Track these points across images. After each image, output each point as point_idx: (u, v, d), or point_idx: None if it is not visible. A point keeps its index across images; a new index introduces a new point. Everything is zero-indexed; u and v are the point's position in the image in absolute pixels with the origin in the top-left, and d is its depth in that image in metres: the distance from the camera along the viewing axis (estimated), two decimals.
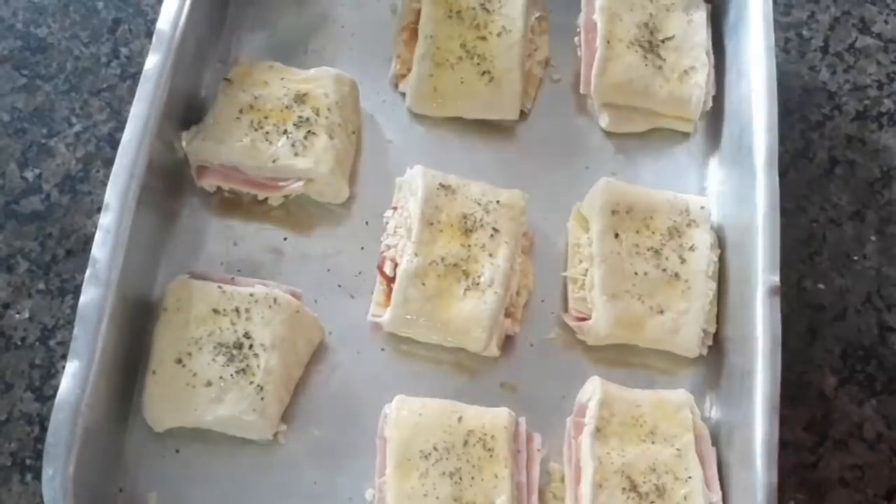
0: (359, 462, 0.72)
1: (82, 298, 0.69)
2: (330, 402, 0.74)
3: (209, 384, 0.70)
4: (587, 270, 0.77)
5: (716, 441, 0.73)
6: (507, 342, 0.76)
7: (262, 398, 0.70)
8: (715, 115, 0.85)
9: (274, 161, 0.77)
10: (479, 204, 0.77)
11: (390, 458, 0.69)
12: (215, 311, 0.72)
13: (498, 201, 0.77)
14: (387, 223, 0.79)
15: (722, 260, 0.78)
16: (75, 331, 0.69)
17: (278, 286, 0.74)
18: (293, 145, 0.77)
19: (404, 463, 0.68)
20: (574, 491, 0.71)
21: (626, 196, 0.78)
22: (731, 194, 0.80)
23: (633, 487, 0.70)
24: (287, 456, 0.72)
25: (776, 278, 0.72)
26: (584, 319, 0.76)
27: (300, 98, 0.79)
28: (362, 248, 0.79)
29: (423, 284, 0.73)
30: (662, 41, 0.84)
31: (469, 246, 0.75)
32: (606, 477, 0.70)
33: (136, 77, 0.79)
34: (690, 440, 0.71)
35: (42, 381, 0.75)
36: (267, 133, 0.78)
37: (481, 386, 0.75)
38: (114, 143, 0.77)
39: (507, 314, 0.75)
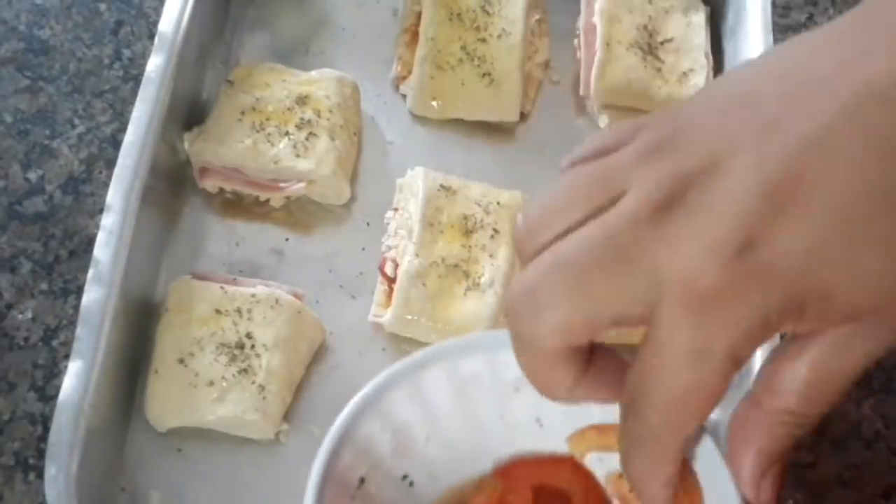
0: None
1: (85, 299, 0.70)
2: (331, 402, 0.73)
3: (211, 384, 0.71)
4: None
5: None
6: None
7: (264, 398, 0.70)
8: None
9: (276, 163, 0.78)
10: (479, 205, 0.77)
11: None
12: (217, 311, 0.73)
13: (498, 202, 0.77)
14: (388, 224, 0.79)
15: None
16: (78, 331, 0.69)
17: (280, 287, 0.75)
18: (295, 147, 0.78)
19: None
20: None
21: None
22: None
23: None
24: (288, 455, 0.73)
25: None
26: None
27: (301, 100, 0.80)
28: (363, 249, 0.79)
29: (424, 285, 0.74)
30: (661, 43, 0.85)
31: (469, 247, 0.76)
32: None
33: (138, 79, 0.79)
34: None
35: (45, 381, 0.75)
36: (269, 135, 0.78)
37: None
38: (116, 145, 0.77)
39: None
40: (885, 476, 0.73)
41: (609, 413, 0.46)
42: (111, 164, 0.75)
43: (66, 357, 0.70)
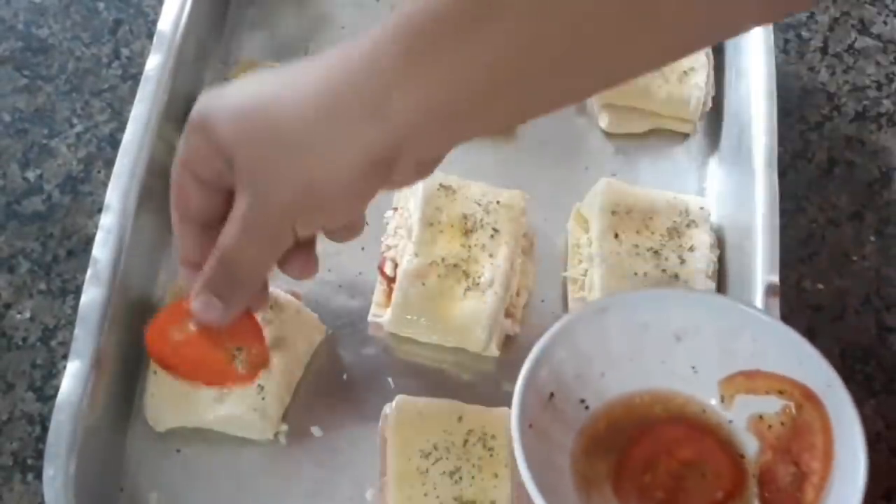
0: (359, 462, 0.72)
1: (83, 299, 0.70)
2: (330, 403, 0.74)
3: None
4: (587, 271, 0.77)
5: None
6: (507, 342, 0.76)
7: (263, 398, 0.70)
8: (714, 116, 0.85)
9: None
10: (479, 204, 0.77)
11: (391, 458, 0.69)
12: None
13: (498, 202, 0.77)
14: (387, 224, 0.79)
15: (721, 260, 0.78)
16: (76, 331, 0.69)
17: (279, 286, 0.74)
18: None
19: (405, 463, 0.68)
20: None
21: (626, 196, 0.78)
22: (731, 195, 0.80)
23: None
24: (287, 456, 0.72)
25: (775, 278, 0.72)
26: None
27: None
28: (363, 249, 0.78)
29: (424, 285, 0.74)
30: None
31: (469, 246, 0.75)
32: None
33: (136, 78, 0.79)
34: None
35: (43, 381, 0.75)
36: None
37: (481, 386, 0.75)
38: (115, 144, 0.77)
39: (508, 314, 0.75)
40: (887, 477, 0.73)
41: (755, 361, 0.64)
42: (110, 163, 0.75)
43: (65, 357, 0.70)
